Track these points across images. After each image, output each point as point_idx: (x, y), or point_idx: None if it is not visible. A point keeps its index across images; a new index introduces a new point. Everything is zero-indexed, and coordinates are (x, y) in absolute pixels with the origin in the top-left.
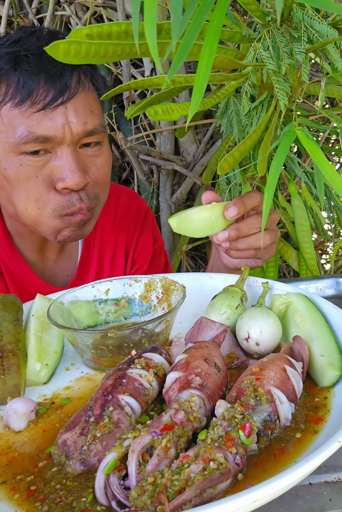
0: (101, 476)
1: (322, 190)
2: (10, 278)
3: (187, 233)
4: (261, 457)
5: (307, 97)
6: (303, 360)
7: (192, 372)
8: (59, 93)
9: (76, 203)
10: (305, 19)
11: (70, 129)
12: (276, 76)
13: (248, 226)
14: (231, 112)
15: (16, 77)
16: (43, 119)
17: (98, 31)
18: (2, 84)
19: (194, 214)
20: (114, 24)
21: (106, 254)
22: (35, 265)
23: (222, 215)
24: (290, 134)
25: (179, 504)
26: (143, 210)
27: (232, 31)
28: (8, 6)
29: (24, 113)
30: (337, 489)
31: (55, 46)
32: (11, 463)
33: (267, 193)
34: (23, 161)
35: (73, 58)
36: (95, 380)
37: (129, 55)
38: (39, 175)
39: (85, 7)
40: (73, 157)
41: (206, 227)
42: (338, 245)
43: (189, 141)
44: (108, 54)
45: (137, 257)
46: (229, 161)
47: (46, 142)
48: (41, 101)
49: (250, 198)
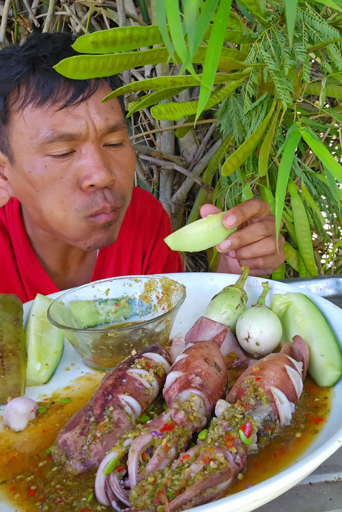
0: (101, 476)
1: (335, 188)
2: (29, 286)
3: (185, 249)
4: (261, 456)
5: (307, 97)
6: (303, 360)
7: (192, 372)
8: (80, 90)
9: (100, 202)
10: (305, 19)
11: (94, 125)
12: (277, 76)
13: (251, 234)
14: (230, 112)
15: (36, 78)
16: (67, 117)
17: (103, 37)
18: (22, 86)
19: (189, 229)
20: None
21: (124, 259)
22: (56, 274)
23: (221, 226)
24: (295, 135)
25: (179, 504)
26: (159, 214)
27: (232, 31)
28: (8, 6)
29: (47, 112)
30: (337, 488)
31: (64, 63)
32: (11, 463)
33: (278, 197)
34: (48, 163)
35: (82, 74)
36: (95, 380)
37: (135, 64)
38: (64, 176)
39: (85, 7)
40: (98, 153)
41: (206, 240)
42: (336, 244)
43: (189, 141)
44: (115, 65)
45: (152, 261)
46: (232, 162)
47: (71, 140)
48: (62, 99)
49: (249, 206)
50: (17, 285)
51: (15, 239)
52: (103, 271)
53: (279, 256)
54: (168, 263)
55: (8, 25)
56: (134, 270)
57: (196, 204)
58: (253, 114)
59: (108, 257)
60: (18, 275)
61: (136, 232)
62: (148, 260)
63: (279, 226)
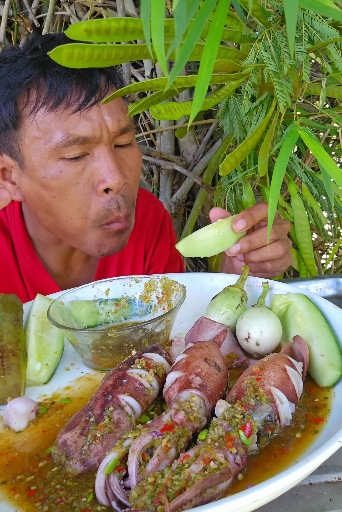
0: (101, 476)
1: (330, 189)
2: (31, 287)
3: (197, 255)
4: (261, 457)
5: (307, 97)
6: (303, 360)
7: (192, 372)
8: (92, 93)
9: (114, 212)
10: (305, 19)
11: (107, 127)
12: (276, 77)
13: (260, 238)
14: (231, 112)
15: (47, 81)
16: (81, 120)
17: (97, 26)
18: (32, 90)
19: (200, 234)
20: (113, 20)
21: (126, 259)
22: (59, 276)
23: (231, 230)
24: (293, 134)
25: (179, 504)
26: (161, 214)
27: (232, 31)
28: (8, 6)
29: (61, 116)
30: (337, 489)
31: (58, 50)
32: (11, 463)
33: (271, 197)
34: (62, 168)
35: (77, 62)
36: (96, 380)
37: (132, 57)
38: (79, 182)
39: (85, 7)
40: (111, 156)
41: (217, 245)
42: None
43: (189, 141)
44: (111, 57)
45: (154, 261)
46: (230, 162)
47: (85, 143)
48: (76, 102)
49: (258, 210)
50: (19, 286)
51: (17, 240)
52: (106, 271)
53: (286, 259)
54: (170, 263)
55: (8, 25)
56: (137, 270)
57: (196, 204)
58: (254, 114)
59: (110, 257)
60: (20, 275)
61: (138, 233)
62: (150, 260)
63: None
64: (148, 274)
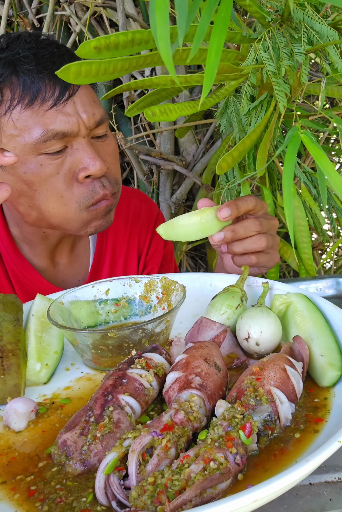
0: (101, 476)
1: (325, 193)
2: (19, 286)
3: (177, 238)
4: (261, 457)
5: (307, 97)
6: (303, 360)
7: (192, 372)
8: (65, 88)
9: (100, 191)
10: (305, 19)
11: (83, 121)
12: (275, 78)
13: (245, 229)
14: (230, 112)
15: (20, 79)
16: (58, 116)
17: (106, 42)
18: (5, 89)
19: (181, 219)
20: (120, 34)
21: (119, 257)
22: (45, 271)
23: (215, 218)
24: (295, 139)
25: (179, 504)
26: (154, 214)
27: (232, 31)
28: (8, 6)
29: (38, 113)
30: (337, 489)
31: (66, 69)
32: (11, 463)
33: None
34: (43, 161)
35: (84, 79)
36: (95, 380)
37: (136, 67)
38: (60, 172)
39: (85, 7)
40: (90, 146)
41: (198, 230)
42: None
43: (188, 141)
44: (117, 69)
45: (149, 260)
46: (227, 161)
47: (64, 137)
48: (51, 98)
49: (244, 201)
50: (6, 286)
51: (0, 240)
52: (99, 269)
53: (273, 255)
54: (165, 262)
55: (8, 25)
56: (129, 268)
57: (195, 204)
58: (253, 114)
59: (103, 254)
60: (6, 275)
61: (131, 230)
62: (145, 259)
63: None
64: (144, 274)
